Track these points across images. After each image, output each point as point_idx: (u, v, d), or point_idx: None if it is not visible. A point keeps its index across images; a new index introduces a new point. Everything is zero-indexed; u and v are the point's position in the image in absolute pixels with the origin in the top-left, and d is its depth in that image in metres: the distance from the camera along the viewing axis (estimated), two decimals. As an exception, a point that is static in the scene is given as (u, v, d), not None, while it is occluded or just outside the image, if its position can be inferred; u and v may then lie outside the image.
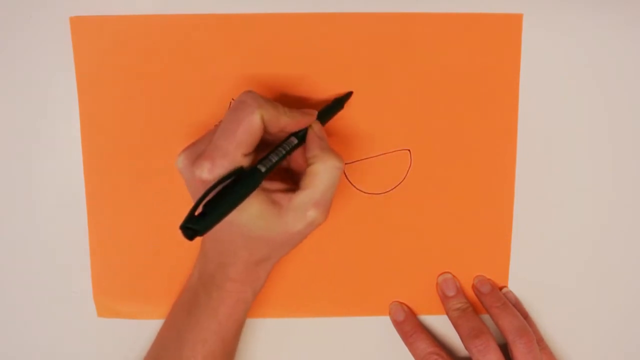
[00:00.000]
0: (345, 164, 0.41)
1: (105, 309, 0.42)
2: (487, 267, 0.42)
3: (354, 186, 0.41)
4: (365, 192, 0.41)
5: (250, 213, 0.33)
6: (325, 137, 0.36)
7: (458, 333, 0.39)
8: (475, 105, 0.40)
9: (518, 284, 0.42)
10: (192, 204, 0.31)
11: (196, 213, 0.30)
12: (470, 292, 0.42)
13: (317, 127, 0.36)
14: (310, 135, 0.35)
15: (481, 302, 0.41)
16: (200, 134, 0.36)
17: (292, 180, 0.36)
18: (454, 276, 0.41)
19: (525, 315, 0.41)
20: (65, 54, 0.39)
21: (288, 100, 0.40)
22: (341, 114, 0.40)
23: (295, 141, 0.35)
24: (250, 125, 0.32)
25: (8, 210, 0.41)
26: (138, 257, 0.41)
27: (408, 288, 0.42)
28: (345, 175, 0.41)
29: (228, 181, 0.32)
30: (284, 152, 0.34)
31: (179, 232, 0.30)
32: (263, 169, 0.32)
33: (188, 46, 0.39)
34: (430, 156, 0.41)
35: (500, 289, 0.42)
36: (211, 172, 0.32)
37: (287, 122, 0.34)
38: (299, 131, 0.35)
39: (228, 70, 0.39)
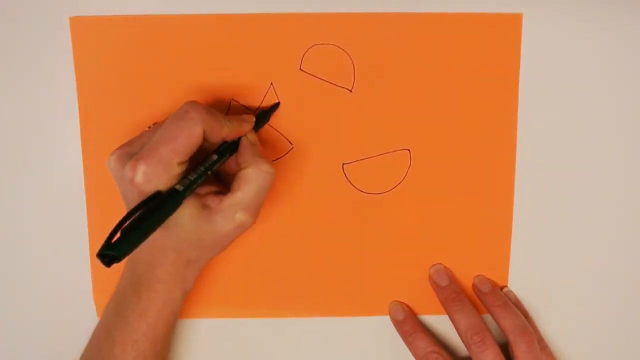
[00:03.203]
0: (345, 164, 0.41)
1: (105, 309, 0.42)
2: (487, 267, 0.42)
3: (354, 186, 0.41)
4: (365, 192, 0.41)
5: (181, 217, 0.33)
6: (259, 144, 0.37)
7: (456, 328, 0.39)
8: (475, 105, 0.40)
9: (518, 284, 0.42)
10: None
11: (113, 240, 0.30)
12: (470, 292, 0.42)
13: (251, 135, 0.37)
14: (244, 142, 0.36)
15: (482, 302, 0.41)
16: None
17: (224, 184, 0.36)
18: (445, 267, 0.41)
19: (525, 315, 0.41)
20: (65, 54, 0.39)
21: (288, 100, 0.40)
22: (341, 114, 0.40)
23: (215, 157, 0.35)
24: (191, 137, 0.33)
25: (8, 210, 0.41)
26: (138, 257, 0.41)
27: (408, 288, 0.42)
28: (345, 175, 0.41)
29: (140, 211, 0.31)
30: (203, 169, 0.34)
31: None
32: (181, 189, 0.32)
33: (188, 46, 0.39)
34: (430, 156, 0.41)
35: (501, 289, 0.42)
36: (146, 176, 0.32)
37: (227, 132, 0.35)
38: (224, 145, 0.36)
39: (228, 70, 0.39)
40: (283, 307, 0.42)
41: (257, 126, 0.38)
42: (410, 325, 0.41)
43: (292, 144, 0.40)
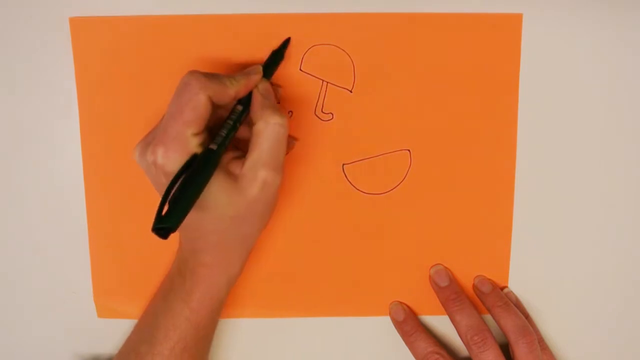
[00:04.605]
0: (345, 164, 0.41)
1: (105, 309, 0.42)
2: (487, 267, 0.42)
3: (354, 186, 0.41)
4: (365, 192, 0.41)
5: (212, 192, 0.33)
6: (271, 94, 0.36)
7: (456, 328, 0.39)
8: (475, 105, 0.40)
9: (518, 284, 0.42)
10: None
11: (163, 212, 0.30)
12: (470, 292, 0.42)
13: (262, 85, 0.35)
14: (255, 95, 0.35)
15: (482, 302, 0.41)
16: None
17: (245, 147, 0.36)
18: (445, 267, 0.41)
19: (525, 315, 0.41)
20: (65, 54, 0.39)
21: (288, 100, 0.40)
22: (341, 114, 0.40)
23: (241, 108, 0.34)
24: (197, 105, 0.32)
25: (8, 210, 0.41)
26: (138, 257, 0.41)
27: (408, 288, 0.42)
28: (345, 175, 0.41)
29: (184, 174, 0.31)
30: (231, 122, 0.34)
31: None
32: (215, 147, 0.32)
33: (187, 46, 0.39)
34: (430, 156, 0.41)
35: (501, 289, 0.42)
36: (165, 156, 0.32)
37: (236, 90, 0.34)
38: (245, 98, 0.35)
39: (228, 70, 0.39)
40: (282, 307, 0.42)
41: (270, 71, 0.37)
42: (410, 325, 0.41)
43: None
